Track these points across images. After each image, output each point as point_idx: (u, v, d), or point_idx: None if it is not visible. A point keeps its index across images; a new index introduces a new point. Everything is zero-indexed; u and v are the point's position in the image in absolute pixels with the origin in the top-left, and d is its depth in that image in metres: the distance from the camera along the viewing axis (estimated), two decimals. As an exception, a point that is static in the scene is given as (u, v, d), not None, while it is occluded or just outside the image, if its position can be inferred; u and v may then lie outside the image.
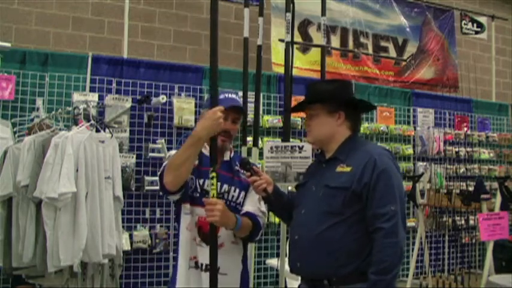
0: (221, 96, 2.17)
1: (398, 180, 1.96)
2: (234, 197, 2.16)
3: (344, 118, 2.07)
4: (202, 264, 2.06)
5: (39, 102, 3.94)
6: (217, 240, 2.03)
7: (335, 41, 6.08)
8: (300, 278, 2.12)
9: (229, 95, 2.22)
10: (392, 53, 6.49)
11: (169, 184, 2.01)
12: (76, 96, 4.16)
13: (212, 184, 1.96)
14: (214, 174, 1.96)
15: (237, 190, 2.17)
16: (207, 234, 2.01)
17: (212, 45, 2.04)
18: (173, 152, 2.22)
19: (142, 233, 4.30)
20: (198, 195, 2.09)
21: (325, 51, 3.62)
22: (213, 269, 1.95)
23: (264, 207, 2.22)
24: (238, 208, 2.16)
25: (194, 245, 2.09)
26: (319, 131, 2.09)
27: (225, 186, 2.14)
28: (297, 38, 5.58)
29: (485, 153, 6.22)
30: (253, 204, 2.18)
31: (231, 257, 2.13)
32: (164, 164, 2.12)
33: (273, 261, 4.31)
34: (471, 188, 4.73)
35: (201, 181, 2.10)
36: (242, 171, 2.19)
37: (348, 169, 1.97)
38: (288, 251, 2.12)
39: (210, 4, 2.08)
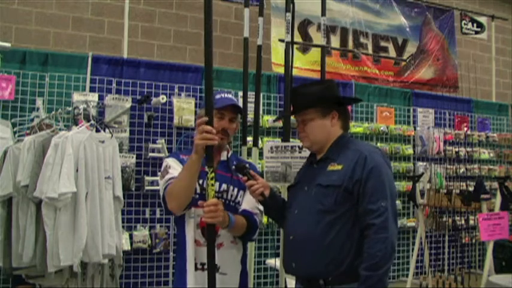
0: (217, 96, 2.17)
1: (389, 177, 1.98)
2: (232, 196, 2.17)
3: (337, 117, 2.10)
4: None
5: (39, 102, 3.94)
6: (217, 239, 2.03)
7: (335, 41, 6.08)
8: (295, 278, 2.12)
9: (225, 95, 2.23)
10: (392, 53, 6.49)
11: (176, 209, 2.04)
12: (76, 96, 4.15)
13: (212, 184, 1.95)
14: (212, 174, 1.95)
15: (236, 189, 2.18)
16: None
17: (207, 48, 2.00)
18: (170, 160, 2.17)
19: (142, 233, 4.30)
20: (197, 196, 2.09)
21: (325, 51, 3.62)
22: (210, 267, 1.94)
23: (261, 206, 2.23)
24: (237, 207, 2.17)
25: (198, 246, 2.09)
26: (316, 135, 2.09)
27: (224, 186, 2.14)
28: (297, 38, 5.58)
29: (485, 153, 6.22)
30: (251, 203, 2.18)
31: (230, 257, 2.13)
32: (165, 182, 2.09)
33: (272, 261, 4.31)
34: (471, 188, 4.73)
35: (201, 181, 2.09)
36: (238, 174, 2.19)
37: (339, 167, 1.98)
38: (283, 251, 2.12)
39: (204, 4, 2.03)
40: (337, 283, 1.92)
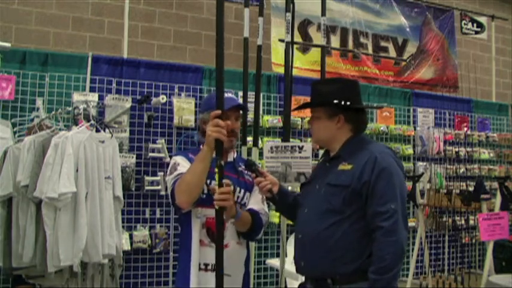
0: None
1: (400, 179, 1.95)
2: (239, 198, 2.17)
3: (344, 121, 2.07)
4: (213, 265, 2.02)
5: (39, 102, 3.93)
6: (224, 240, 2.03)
7: (335, 41, 6.08)
8: (304, 277, 2.12)
9: (226, 95, 2.22)
10: (392, 53, 6.48)
11: (185, 203, 2.03)
12: (76, 96, 4.15)
13: (221, 169, 1.94)
14: (222, 162, 1.94)
15: (242, 191, 2.19)
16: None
17: (218, 50, 2.00)
18: (178, 158, 2.18)
19: (142, 233, 4.29)
20: (204, 196, 2.08)
21: (325, 51, 3.62)
22: (218, 267, 1.92)
23: (266, 208, 2.24)
24: (244, 209, 2.17)
25: (202, 246, 2.08)
26: (319, 134, 2.13)
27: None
28: (297, 38, 5.58)
29: (485, 153, 6.22)
30: (257, 203, 2.20)
31: (235, 258, 2.13)
32: (173, 178, 2.09)
33: (273, 261, 4.31)
34: (471, 188, 4.73)
35: (208, 181, 2.08)
36: (246, 172, 2.20)
37: (349, 167, 1.97)
38: (293, 250, 2.13)
39: (216, 6, 2.03)
40: (345, 282, 1.91)
